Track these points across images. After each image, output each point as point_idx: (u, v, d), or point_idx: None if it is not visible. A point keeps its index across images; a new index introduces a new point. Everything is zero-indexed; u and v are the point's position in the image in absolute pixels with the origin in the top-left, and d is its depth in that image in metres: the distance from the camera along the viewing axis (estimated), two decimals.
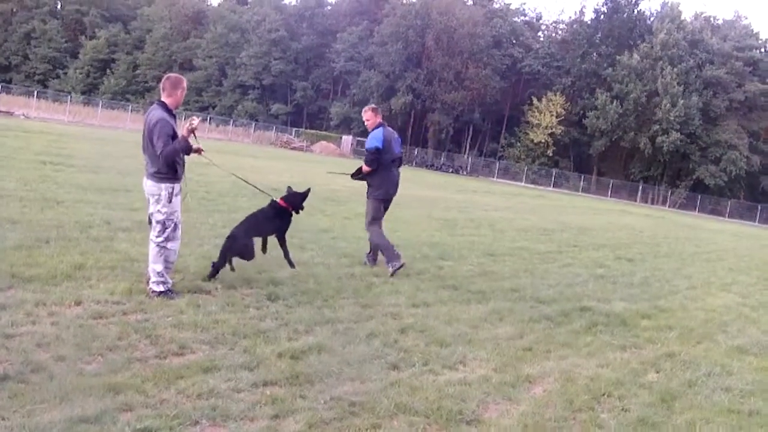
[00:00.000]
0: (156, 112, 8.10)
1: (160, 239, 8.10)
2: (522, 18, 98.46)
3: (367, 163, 11.59)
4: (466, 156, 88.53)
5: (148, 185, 8.19)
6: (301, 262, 10.76)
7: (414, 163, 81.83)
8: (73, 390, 5.21)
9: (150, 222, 8.42)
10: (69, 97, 74.41)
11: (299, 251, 11.60)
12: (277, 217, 9.85)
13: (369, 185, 11.81)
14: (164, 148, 7.90)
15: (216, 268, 9.00)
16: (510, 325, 8.96)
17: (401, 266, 11.10)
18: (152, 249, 8.11)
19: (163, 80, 8.44)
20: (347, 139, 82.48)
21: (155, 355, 6.24)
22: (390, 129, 11.90)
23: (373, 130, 11.66)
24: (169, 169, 8.08)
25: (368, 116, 11.74)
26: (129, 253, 9.73)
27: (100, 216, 12.46)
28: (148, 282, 8.12)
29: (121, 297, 7.70)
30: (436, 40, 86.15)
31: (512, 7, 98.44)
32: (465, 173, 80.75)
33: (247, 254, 9.21)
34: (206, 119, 77.34)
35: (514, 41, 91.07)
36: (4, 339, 6.05)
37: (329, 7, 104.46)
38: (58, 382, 5.31)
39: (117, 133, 48.92)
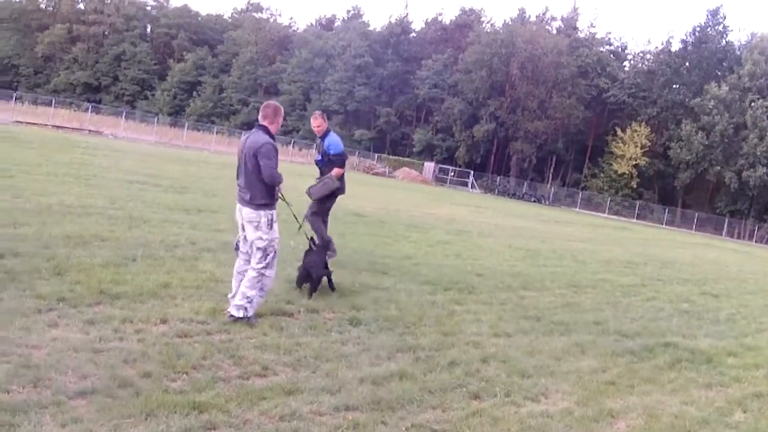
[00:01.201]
0: (262, 136, 8.22)
1: (261, 265, 8.16)
2: (607, 47, 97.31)
3: (341, 166, 12.07)
4: (548, 185, 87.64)
5: (245, 212, 8.26)
6: (383, 288, 10.83)
7: (496, 192, 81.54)
8: (159, 407, 5.29)
9: (237, 248, 8.53)
10: (156, 118, 76.34)
11: (381, 277, 11.72)
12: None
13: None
14: (274, 169, 8.11)
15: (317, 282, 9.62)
16: (593, 359, 8.83)
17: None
18: (250, 274, 8.15)
19: (263, 107, 8.58)
20: (429, 166, 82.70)
21: (238, 376, 6.30)
22: None
23: (325, 135, 12.02)
24: (267, 195, 8.19)
25: (319, 122, 11.98)
26: (214, 273, 9.87)
27: (186, 236, 12.68)
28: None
29: (205, 317, 7.82)
30: (520, 68, 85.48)
31: (598, 36, 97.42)
32: (547, 203, 80.00)
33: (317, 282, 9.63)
34: (290, 143, 78.28)
35: (599, 71, 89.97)
36: (92, 354, 6.19)
37: (414, 34, 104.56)
38: (144, 398, 5.40)
39: (202, 155, 49.89)
